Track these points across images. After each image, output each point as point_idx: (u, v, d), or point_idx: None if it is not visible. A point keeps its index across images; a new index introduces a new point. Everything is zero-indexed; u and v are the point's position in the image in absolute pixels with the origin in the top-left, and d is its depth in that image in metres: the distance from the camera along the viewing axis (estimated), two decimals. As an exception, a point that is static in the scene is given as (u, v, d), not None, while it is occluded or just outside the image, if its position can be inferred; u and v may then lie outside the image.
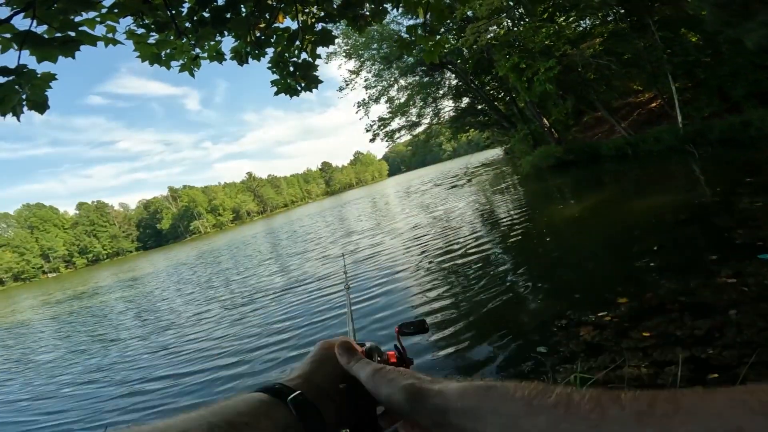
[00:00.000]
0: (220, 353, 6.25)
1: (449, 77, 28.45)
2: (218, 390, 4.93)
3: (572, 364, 3.26)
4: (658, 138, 13.66)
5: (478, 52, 20.47)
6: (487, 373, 3.59)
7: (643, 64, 14.88)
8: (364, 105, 28.65)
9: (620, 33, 15.52)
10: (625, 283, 4.55)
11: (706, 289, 3.84)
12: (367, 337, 1.06)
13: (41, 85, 2.08)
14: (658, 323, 3.50)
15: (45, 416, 5.62)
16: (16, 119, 2.19)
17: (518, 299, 5.17)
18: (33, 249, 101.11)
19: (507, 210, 11.79)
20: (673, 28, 13.68)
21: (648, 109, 17.50)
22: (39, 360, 9.29)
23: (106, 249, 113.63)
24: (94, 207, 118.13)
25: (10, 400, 6.78)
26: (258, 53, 3.08)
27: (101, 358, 8.00)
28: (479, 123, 31.71)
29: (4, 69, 1.93)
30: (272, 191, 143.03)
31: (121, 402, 5.42)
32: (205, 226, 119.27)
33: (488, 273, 6.45)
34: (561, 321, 4.07)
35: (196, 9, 2.43)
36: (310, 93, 3.21)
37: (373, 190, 68.37)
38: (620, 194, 9.91)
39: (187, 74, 3.02)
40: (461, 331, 4.61)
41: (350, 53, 26.24)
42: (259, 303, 8.86)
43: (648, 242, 5.61)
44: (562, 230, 8.14)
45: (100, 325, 12.02)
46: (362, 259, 10.04)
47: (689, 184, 8.95)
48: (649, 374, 2.86)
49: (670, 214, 6.67)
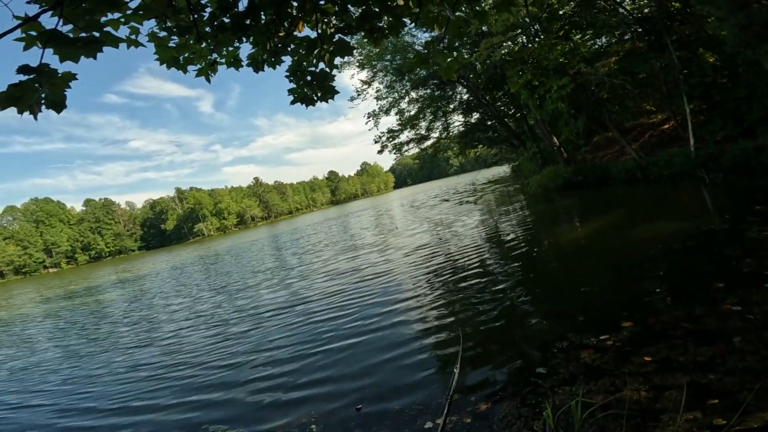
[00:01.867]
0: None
1: (461, 92, 28.59)
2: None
3: (572, 386, 3.22)
4: (669, 161, 13.60)
5: (491, 67, 20.56)
6: (484, 393, 3.55)
7: (659, 84, 14.87)
8: (375, 116, 28.80)
9: (637, 52, 15.54)
10: (628, 307, 4.50)
11: (710, 316, 3.81)
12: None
13: (61, 84, 2.06)
14: (661, 348, 3.46)
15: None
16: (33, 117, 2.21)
17: (519, 319, 5.13)
18: (36, 243, 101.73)
19: (512, 229, 11.76)
20: (691, 48, 13.69)
21: (660, 130, 17.45)
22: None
23: (109, 247, 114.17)
24: (101, 204, 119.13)
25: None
26: (274, 61, 3.13)
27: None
28: (488, 139, 31.75)
29: (26, 67, 1.94)
30: (278, 198, 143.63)
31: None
32: (209, 229, 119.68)
33: (490, 291, 6.41)
34: (562, 343, 4.03)
35: (216, 14, 2.48)
36: (325, 103, 3.24)
37: (378, 201, 68.48)
38: (628, 218, 9.84)
39: (197, 77, 3.07)
40: (460, 346, 4.57)
41: (363, 63, 26.42)
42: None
43: (654, 268, 5.57)
44: (567, 252, 8.09)
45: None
46: (366, 275, 10.00)
47: (698, 210, 8.88)
48: (650, 398, 2.83)
49: (677, 240, 6.62)
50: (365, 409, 3.72)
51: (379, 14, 3.00)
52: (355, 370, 4.60)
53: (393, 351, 4.88)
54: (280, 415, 4.01)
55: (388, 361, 4.64)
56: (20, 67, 1.95)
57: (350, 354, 5.12)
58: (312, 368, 4.96)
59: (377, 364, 4.62)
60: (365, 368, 4.60)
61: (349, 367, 4.73)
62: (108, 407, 5.24)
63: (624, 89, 15.45)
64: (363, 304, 7.26)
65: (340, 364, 4.87)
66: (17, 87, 1.96)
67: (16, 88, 1.95)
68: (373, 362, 4.71)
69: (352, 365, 4.76)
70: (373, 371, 4.46)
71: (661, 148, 15.63)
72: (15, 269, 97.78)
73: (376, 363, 4.67)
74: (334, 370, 4.75)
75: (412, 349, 4.82)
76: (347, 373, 4.58)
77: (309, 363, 5.14)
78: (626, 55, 16.22)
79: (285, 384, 4.69)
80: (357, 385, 4.21)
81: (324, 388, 4.37)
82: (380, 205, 48.67)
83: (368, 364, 4.70)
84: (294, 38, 3.03)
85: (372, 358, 4.84)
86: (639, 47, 15.61)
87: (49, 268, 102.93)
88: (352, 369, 4.67)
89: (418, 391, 3.84)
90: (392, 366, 4.50)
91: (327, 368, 4.86)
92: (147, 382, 5.84)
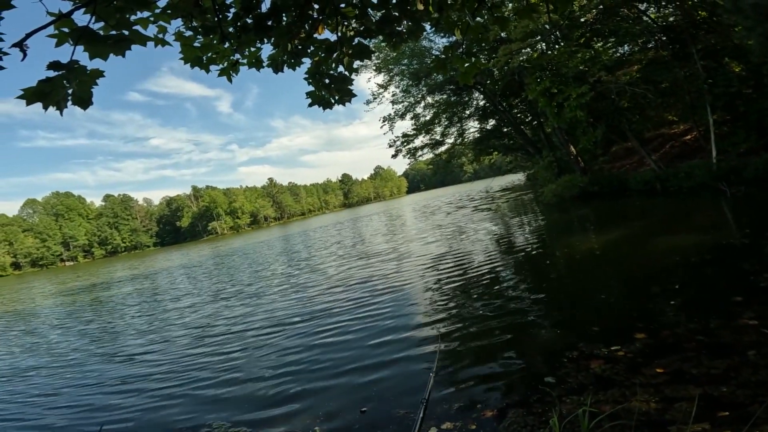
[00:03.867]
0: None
1: (477, 98, 28.45)
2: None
3: (580, 396, 3.18)
4: (690, 173, 13.31)
5: (509, 74, 20.41)
6: (491, 400, 3.52)
7: (682, 94, 14.58)
8: (390, 120, 28.82)
9: (660, 61, 15.25)
10: (642, 319, 4.43)
11: (726, 329, 3.75)
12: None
13: (88, 81, 2.10)
14: (674, 360, 3.41)
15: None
16: (59, 112, 2.27)
17: (529, 328, 5.09)
18: (55, 236, 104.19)
19: (526, 238, 11.66)
20: (716, 57, 13.40)
21: (682, 141, 17.10)
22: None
23: (125, 242, 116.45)
24: (120, 200, 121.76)
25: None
26: (294, 63, 3.18)
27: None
28: (503, 146, 31.53)
29: (57, 64, 1.98)
30: (291, 199, 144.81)
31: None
32: (223, 228, 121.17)
33: (501, 299, 6.37)
34: (572, 352, 3.99)
35: (240, 15, 2.55)
36: (342, 105, 3.28)
37: (390, 206, 68.49)
38: (645, 230, 9.67)
39: (219, 77, 3.14)
40: (468, 355, 4.57)
41: (380, 67, 26.49)
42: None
43: (670, 280, 5.47)
44: (581, 262, 7.99)
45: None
46: (374, 279, 10.03)
47: (717, 223, 8.69)
48: (659, 409, 2.79)
49: (695, 253, 6.49)
50: (369, 412, 3.71)
51: (399, 18, 3.04)
52: (361, 373, 4.61)
53: (399, 353, 4.89)
54: (284, 414, 4.03)
55: (394, 364, 4.64)
56: (51, 63, 1.99)
57: (356, 356, 5.12)
58: (317, 369, 4.99)
59: (383, 368, 4.62)
60: (371, 371, 4.61)
61: (354, 370, 4.74)
62: (109, 401, 5.34)
63: (645, 98, 15.15)
64: (372, 307, 7.28)
65: (346, 367, 4.88)
66: (47, 83, 1.99)
67: (46, 83, 1.99)
68: (378, 365, 4.71)
69: (358, 368, 4.77)
70: (379, 375, 4.46)
71: (681, 160, 15.31)
72: (32, 261, 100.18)
73: (381, 366, 4.66)
74: (340, 372, 4.76)
75: (417, 354, 4.81)
76: (353, 376, 4.59)
77: (315, 364, 5.17)
78: (649, 64, 15.92)
79: (289, 384, 4.72)
80: (362, 388, 4.22)
81: (328, 389, 4.38)
82: (392, 210, 48.65)
83: (374, 367, 4.70)
84: (314, 40, 3.08)
85: (378, 361, 4.84)
86: (663, 56, 15.32)
87: (65, 261, 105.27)
88: (357, 371, 4.68)
89: (421, 394, 3.81)
90: (397, 370, 4.50)
91: (333, 369, 4.88)
92: (152, 374, 5.96)
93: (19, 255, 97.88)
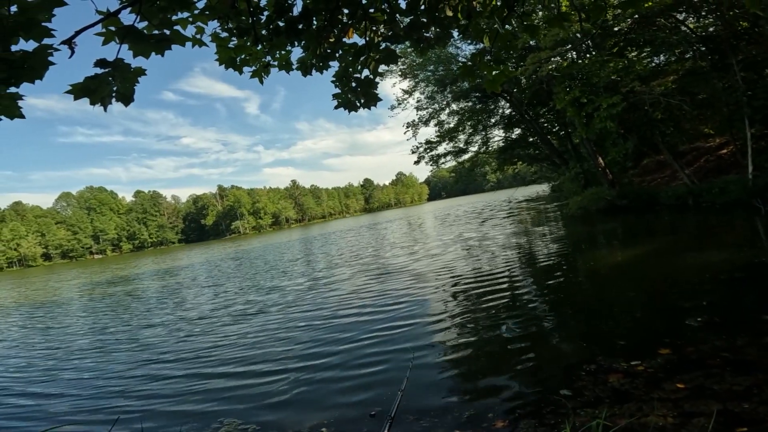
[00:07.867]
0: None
1: (503, 106, 28.16)
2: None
3: (595, 409, 3.12)
4: (724, 189, 12.84)
5: (537, 82, 20.13)
6: (502, 410, 3.48)
7: (719, 106, 14.08)
8: (414, 126, 28.80)
9: (698, 71, 14.77)
10: (666, 334, 4.30)
11: (752, 347, 3.62)
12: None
13: (131, 79, 2.19)
14: (696, 377, 3.31)
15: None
16: (102, 109, 2.36)
17: (547, 339, 5.01)
18: (86, 229, 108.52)
19: (548, 250, 11.45)
20: (757, 69, 12.94)
21: (717, 155, 16.49)
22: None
23: (152, 237, 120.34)
24: (150, 196, 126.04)
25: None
26: (322, 66, 3.28)
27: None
28: (528, 156, 31.02)
29: (103, 61, 2.09)
30: (313, 201, 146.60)
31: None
32: (245, 227, 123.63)
33: (519, 310, 6.27)
34: (590, 366, 3.90)
35: (273, 17, 2.66)
36: (367, 109, 3.35)
37: (411, 212, 68.22)
38: (674, 246, 9.36)
39: (251, 78, 3.26)
40: (483, 363, 4.53)
41: (406, 73, 26.51)
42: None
43: (697, 297, 5.30)
44: (604, 276, 7.80)
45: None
46: (391, 281, 10.04)
47: (750, 241, 8.36)
48: (676, 424, 2.72)
49: (725, 271, 6.26)
50: (379, 416, 3.70)
51: (427, 24, 3.09)
52: (372, 377, 4.59)
53: (415, 361, 4.86)
54: (293, 414, 4.04)
55: (405, 370, 4.60)
56: (98, 61, 2.09)
57: (368, 361, 5.11)
58: (328, 370, 5.01)
59: (394, 373, 4.58)
60: (382, 375, 4.60)
61: (366, 373, 4.73)
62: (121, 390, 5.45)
63: (681, 110, 14.66)
64: (386, 311, 7.28)
65: (357, 368, 4.89)
66: (94, 79, 2.09)
67: (93, 80, 2.09)
68: (389, 370, 4.69)
69: (369, 371, 4.76)
70: (390, 380, 4.42)
71: (717, 175, 14.77)
72: (62, 253, 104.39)
73: (392, 371, 4.64)
74: (351, 374, 4.77)
75: (426, 363, 4.77)
76: (363, 378, 4.58)
77: (325, 365, 5.20)
78: (686, 75, 15.42)
79: (299, 384, 4.73)
80: (372, 391, 4.20)
81: (338, 391, 4.38)
82: (413, 217, 48.46)
83: (385, 371, 4.69)
84: (343, 44, 3.17)
85: (389, 366, 4.82)
86: (700, 66, 14.81)
87: (94, 254, 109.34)
88: (368, 374, 4.67)
89: (433, 401, 3.81)
90: (411, 375, 4.46)
91: (343, 371, 4.89)
92: (163, 369, 6.08)
93: (51, 246, 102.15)
